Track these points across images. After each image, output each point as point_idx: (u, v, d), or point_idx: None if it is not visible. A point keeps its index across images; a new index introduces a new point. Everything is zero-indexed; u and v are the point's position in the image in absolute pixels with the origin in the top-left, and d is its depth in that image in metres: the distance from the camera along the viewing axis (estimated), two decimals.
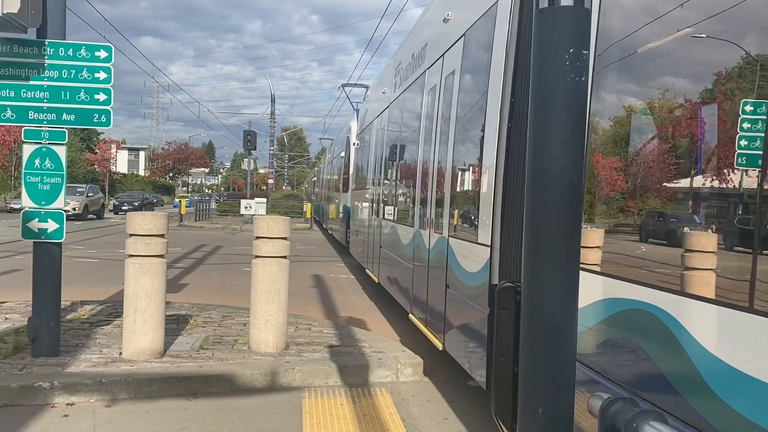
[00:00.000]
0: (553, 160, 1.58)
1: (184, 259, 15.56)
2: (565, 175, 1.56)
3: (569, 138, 1.59)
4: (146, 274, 5.97)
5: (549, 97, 1.60)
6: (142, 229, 5.96)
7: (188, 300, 9.57)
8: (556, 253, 1.53)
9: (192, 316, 8.04)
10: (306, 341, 6.90)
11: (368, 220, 9.72)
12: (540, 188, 1.58)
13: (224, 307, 8.80)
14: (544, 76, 1.60)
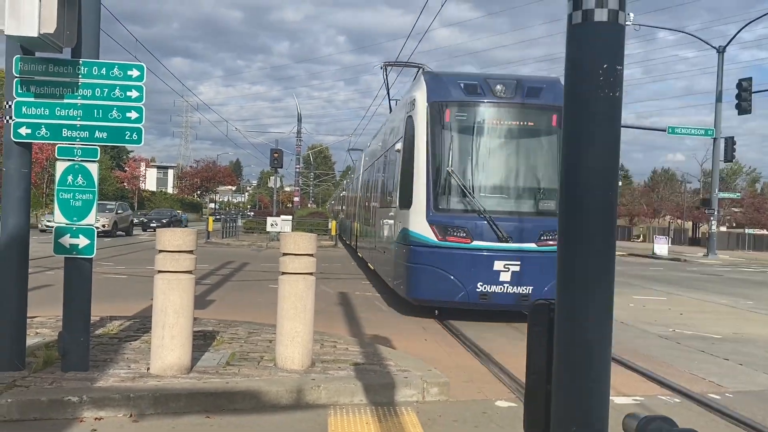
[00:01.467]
0: (588, 175, 1.56)
1: (211, 276, 15.68)
2: (600, 189, 1.55)
3: (604, 154, 1.57)
4: (175, 289, 6.03)
5: (583, 112, 1.59)
6: (172, 245, 6.03)
7: (215, 316, 9.63)
8: (591, 270, 1.51)
9: (219, 333, 8.07)
10: (331, 359, 6.87)
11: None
12: (575, 203, 1.56)
13: (250, 324, 8.82)
14: (578, 90, 1.59)
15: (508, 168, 8.90)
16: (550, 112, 8.81)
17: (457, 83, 9.15)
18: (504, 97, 8.88)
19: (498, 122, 8.87)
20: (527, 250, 8.50)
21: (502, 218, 8.65)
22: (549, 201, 8.65)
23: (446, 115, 8.92)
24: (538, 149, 8.93)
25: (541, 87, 9.04)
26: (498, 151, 8.94)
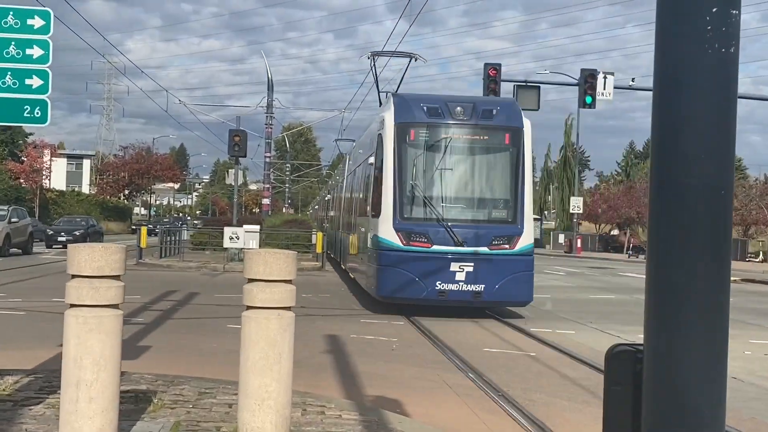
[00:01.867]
0: (689, 165, 1.55)
1: (145, 312, 15.73)
2: (707, 187, 1.53)
3: (713, 134, 1.56)
4: (94, 332, 6.04)
5: (682, 78, 1.58)
6: (90, 267, 6.05)
7: (151, 369, 9.65)
8: (696, 303, 1.49)
9: (157, 393, 8.09)
10: (318, 431, 6.88)
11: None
12: (669, 206, 1.55)
13: (201, 381, 8.84)
14: (676, 47, 1.58)
15: (464, 181, 14.08)
16: (503, 131, 14.11)
17: (421, 106, 14.59)
18: (461, 119, 14.23)
19: (456, 141, 14.17)
20: (480, 253, 13.72)
21: (459, 225, 13.99)
22: (501, 210, 13.60)
23: (411, 135, 14.42)
24: (492, 164, 14.14)
25: (494, 109, 14.51)
26: (456, 166, 14.19)
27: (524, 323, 15.66)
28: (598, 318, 17.35)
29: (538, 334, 14.23)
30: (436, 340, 13.26)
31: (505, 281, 15.85)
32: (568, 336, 14.37)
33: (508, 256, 15.90)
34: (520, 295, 16.18)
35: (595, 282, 30.02)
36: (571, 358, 11.86)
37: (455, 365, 10.98)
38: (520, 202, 16.13)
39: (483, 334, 14.32)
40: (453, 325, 15.22)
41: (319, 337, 13.27)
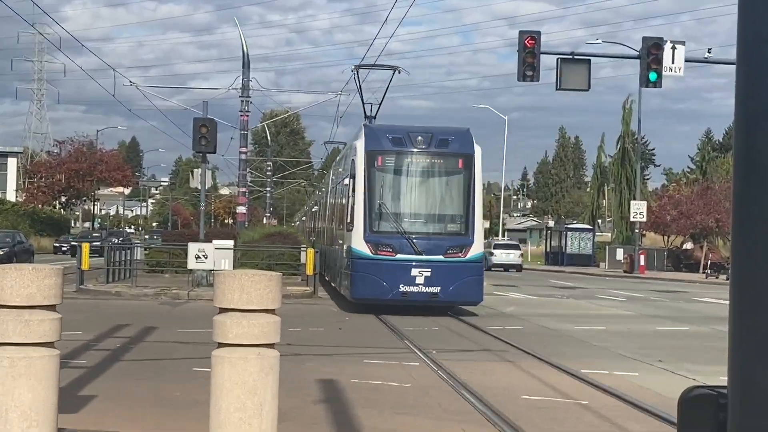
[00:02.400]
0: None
1: (88, 352, 15.76)
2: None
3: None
4: (23, 377, 6.05)
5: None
6: (18, 295, 6.06)
7: (97, 426, 9.66)
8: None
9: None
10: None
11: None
12: (761, 211, 1.55)
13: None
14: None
15: (423, 200, 21.63)
16: (456, 157, 21.51)
17: (387, 136, 22.33)
18: (421, 147, 21.57)
19: (416, 165, 21.56)
20: (436, 260, 20.59)
21: (418, 237, 21.07)
22: (454, 224, 20.84)
23: (379, 161, 21.92)
24: (447, 185, 21.65)
25: (450, 138, 22.20)
26: (416, 187, 21.75)
27: (572, 362, 15.68)
28: (667, 356, 17.35)
29: (590, 376, 14.23)
30: (459, 384, 13.27)
31: (458, 284, 23.71)
32: (628, 378, 14.38)
33: (461, 263, 23.81)
34: (471, 296, 24.40)
35: (663, 310, 30.05)
36: (633, 407, 11.86)
37: (484, 417, 10.99)
38: (472, 217, 24.11)
39: (519, 377, 14.34)
40: (481, 367, 15.26)
41: (311, 381, 13.27)
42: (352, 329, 21.04)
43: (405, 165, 24.58)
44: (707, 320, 25.45)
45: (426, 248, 23.90)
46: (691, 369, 15.42)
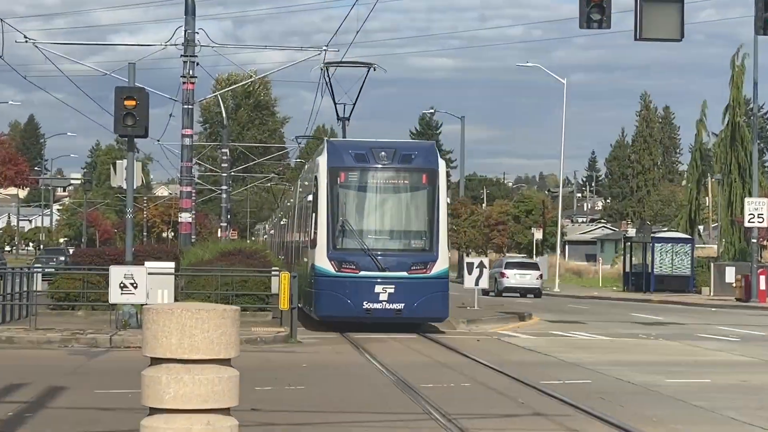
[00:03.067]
0: None
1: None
2: None
3: None
4: None
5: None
6: None
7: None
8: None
9: None
10: None
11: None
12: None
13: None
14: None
15: (387, 216, 32.63)
16: (420, 172, 31.89)
17: (350, 152, 32.74)
18: (384, 163, 31.63)
19: (379, 181, 31.94)
20: (400, 277, 30.77)
21: (382, 254, 31.28)
22: (418, 240, 31.77)
23: (341, 177, 32.03)
24: (410, 201, 32.46)
25: (413, 153, 33.31)
26: (380, 203, 32.50)
27: (663, 431, 15.65)
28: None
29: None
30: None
31: (422, 300, 31.92)
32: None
33: (425, 279, 32.19)
34: (436, 312, 33.12)
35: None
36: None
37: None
38: (436, 233, 32.70)
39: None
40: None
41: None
42: (346, 385, 21.03)
43: (368, 181, 33.69)
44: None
45: (389, 265, 32.80)
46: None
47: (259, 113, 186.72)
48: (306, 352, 27.93)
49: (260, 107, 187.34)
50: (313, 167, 36.29)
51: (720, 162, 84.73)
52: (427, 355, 27.30)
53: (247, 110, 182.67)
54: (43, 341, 28.95)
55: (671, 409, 18.29)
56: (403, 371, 22.63)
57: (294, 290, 30.92)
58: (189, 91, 46.29)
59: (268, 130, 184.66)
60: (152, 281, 29.16)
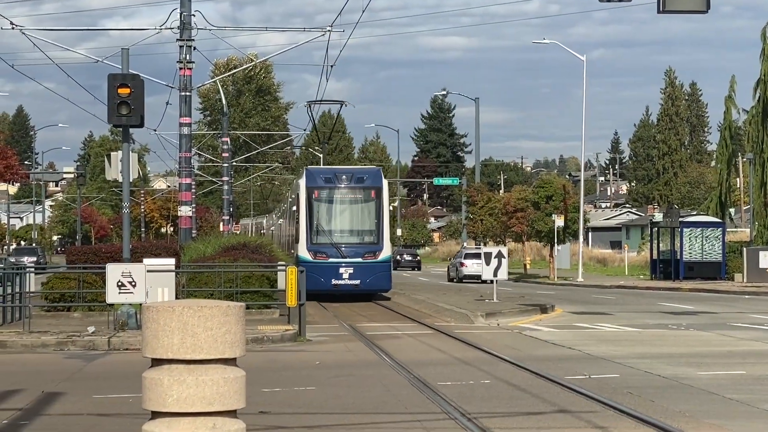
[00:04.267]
0: None
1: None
2: None
3: None
4: None
5: None
6: None
7: None
8: None
9: None
10: None
11: None
12: None
13: None
14: None
15: (347, 220, 55.91)
16: (369, 189, 54.23)
17: (321, 176, 56.68)
18: (345, 183, 54.91)
19: (341, 196, 55.25)
20: (357, 262, 53.41)
21: (344, 246, 54.42)
22: (369, 236, 54.17)
23: (315, 194, 54.93)
24: (363, 210, 55.51)
25: (365, 176, 56.53)
26: (342, 211, 55.84)
27: (695, 426, 15.65)
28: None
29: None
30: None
31: (372, 278, 51.35)
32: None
33: (374, 263, 51.69)
34: (382, 286, 52.88)
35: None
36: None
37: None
38: (381, 231, 52.43)
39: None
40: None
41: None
42: (358, 385, 21.04)
43: (334, 196, 53.22)
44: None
45: (349, 254, 51.79)
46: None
47: (262, 99, 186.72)
48: (316, 350, 27.92)
49: (262, 92, 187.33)
50: (296, 187, 57.87)
51: (751, 140, 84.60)
52: (443, 351, 27.28)
53: (248, 96, 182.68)
54: (37, 345, 28.96)
55: (704, 404, 18.29)
56: (419, 369, 22.66)
57: (302, 286, 30.91)
58: (186, 77, 46.30)
59: (271, 117, 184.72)
60: (151, 279, 29.12)
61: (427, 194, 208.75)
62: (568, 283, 73.30)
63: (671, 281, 73.08)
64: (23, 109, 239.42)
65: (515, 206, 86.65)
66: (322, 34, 51.59)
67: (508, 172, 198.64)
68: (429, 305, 44.11)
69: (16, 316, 35.19)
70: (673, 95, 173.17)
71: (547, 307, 42.57)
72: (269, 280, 37.09)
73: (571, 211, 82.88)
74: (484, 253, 44.37)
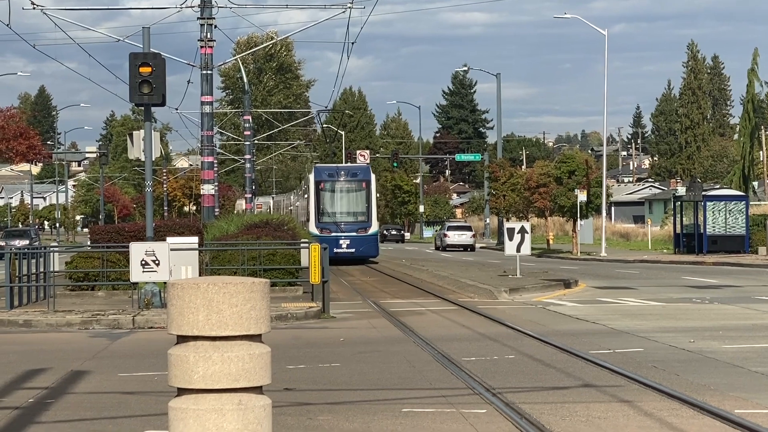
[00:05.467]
0: None
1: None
2: None
3: None
4: None
5: None
6: None
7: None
8: None
9: None
10: None
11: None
12: None
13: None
14: None
15: (345, 205, 78.14)
16: (361, 181, 76.98)
17: (325, 172, 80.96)
18: (342, 177, 78.25)
19: (340, 187, 77.32)
20: (352, 235, 74.31)
21: (343, 224, 76.00)
22: (361, 216, 75.09)
23: (321, 185, 77.59)
24: (356, 197, 77.61)
25: (358, 171, 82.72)
26: (341, 198, 78.22)
27: (720, 400, 15.62)
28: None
29: (750, 419, 14.17)
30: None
31: (363, 247, 72.18)
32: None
33: (364, 236, 72.16)
34: (371, 253, 72.77)
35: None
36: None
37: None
38: (370, 212, 73.52)
39: (642, 426, 14.28)
40: (583, 412, 15.24)
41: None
42: (383, 361, 21.07)
43: (334, 187, 71.27)
44: None
45: (346, 229, 69.41)
46: None
47: (283, 77, 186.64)
48: (340, 327, 27.95)
49: (283, 70, 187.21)
50: (307, 180, 78.93)
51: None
52: (468, 326, 27.28)
53: (270, 74, 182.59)
54: (62, 324, 29.04)
55: (729, 377, 18.25)
56: (444, 345, 22.69)
57: (325, 263, 30.93)
58: (207, 55, 46.38)
59: (293, 95, 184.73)
60: (175, 257, 29.15)
61: (449, 170, 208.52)
62: (591, 258, 73.08)
63: (695, 255, 72.82)
64: (45, 89, 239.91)
65: (538, 181, 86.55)
66: (343, 11, 51.68)
67: (530, 147, 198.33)
68: (452, 281, 43.99)
69: (40, 295, 35.25)
70: (696, 69, 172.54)
71: (571, 282, 42.57)
72: (292, 257, 37.12)
73: (593, 186, 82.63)
74: (507, 229, 44.10)
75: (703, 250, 73.44)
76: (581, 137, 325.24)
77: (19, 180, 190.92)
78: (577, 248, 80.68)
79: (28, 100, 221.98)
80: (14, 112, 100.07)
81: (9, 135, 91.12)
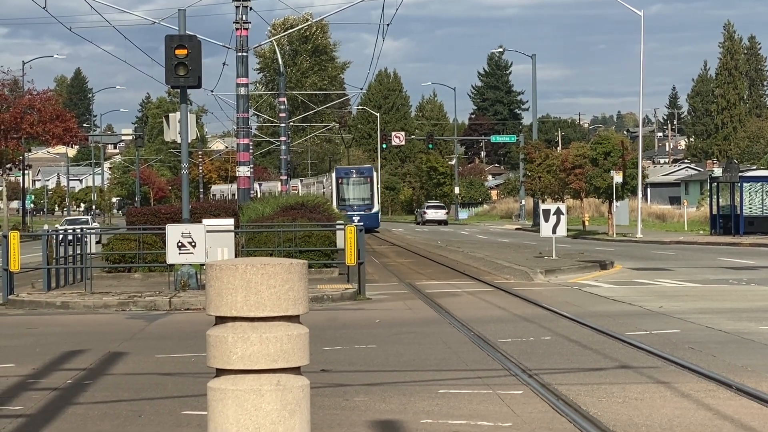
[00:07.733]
0: None
1: (25, 393, 15.95)
2: None
3: None
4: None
5: None
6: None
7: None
8: None
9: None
10: None
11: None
12: None
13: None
14: None
15: (356, 194, 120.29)
16: (367, 177, 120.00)
17: (343, 170, 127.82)
18: (354, 175, 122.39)
19: (353, 181, 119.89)
20: (361, 213, 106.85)
21: (355, 206, 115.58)
22: (367, 201, 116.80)
23: (341, 180, 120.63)
24: (364, 188, 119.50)
25: (364, 170, 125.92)
26: (354, 189, 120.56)
27: (759, 381, 15.59)
28: None
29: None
30: (590, 421, 13.23)
31: (368, 221, 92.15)
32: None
33: (369, 214, 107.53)
34: (374, 225, 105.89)
35: None
36: None
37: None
38: (375, 199, 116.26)
39: (680, 406, 14.26)
40: (620, 393, 15.20)
41: (360, 425, 13.32)
42: (419, 343, 21.09)
43: (349, 181, 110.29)
44: None
45: (358, 210, 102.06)
46: None
47: (318, 59, 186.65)
48: (376, 308, 27.95)
49: (318, 52, 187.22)
50: (330, 176, 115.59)
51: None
52: (503, 308, 27.26)
53: (305, 56, 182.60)
54: (99, 306, 29.14)
55: (766, 358, 18.19)
56: (480, 326, 22.69)
57: (362, 244, 30.93)
58: (243, 37, 46.31)
59: (328, 77, 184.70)
60: (211, 239, 29.19)
61: (485, 152, 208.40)
62: (627, 240, 72.84)
63: (731, 236, 72.41)
64: (81, 71, 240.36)
65: (573, 163, 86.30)
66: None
67: (566, 128, 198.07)
68: (487, 262, 43.90)
69: (77, 277, 35.37)
70: (732, 49, 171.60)
71: (607, 263, 42.42)
72: (328, 239, 37.14)
73: (629, 167, 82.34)
74: (543, 210, 43.89)
75: (740, 232, 72.99)
76: (617, 118, 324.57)
77: (56, 162, 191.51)
78: (613, 230, 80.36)
79: (65, 83, 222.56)
80: (50, 94, 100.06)
81: (45, 118, 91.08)
